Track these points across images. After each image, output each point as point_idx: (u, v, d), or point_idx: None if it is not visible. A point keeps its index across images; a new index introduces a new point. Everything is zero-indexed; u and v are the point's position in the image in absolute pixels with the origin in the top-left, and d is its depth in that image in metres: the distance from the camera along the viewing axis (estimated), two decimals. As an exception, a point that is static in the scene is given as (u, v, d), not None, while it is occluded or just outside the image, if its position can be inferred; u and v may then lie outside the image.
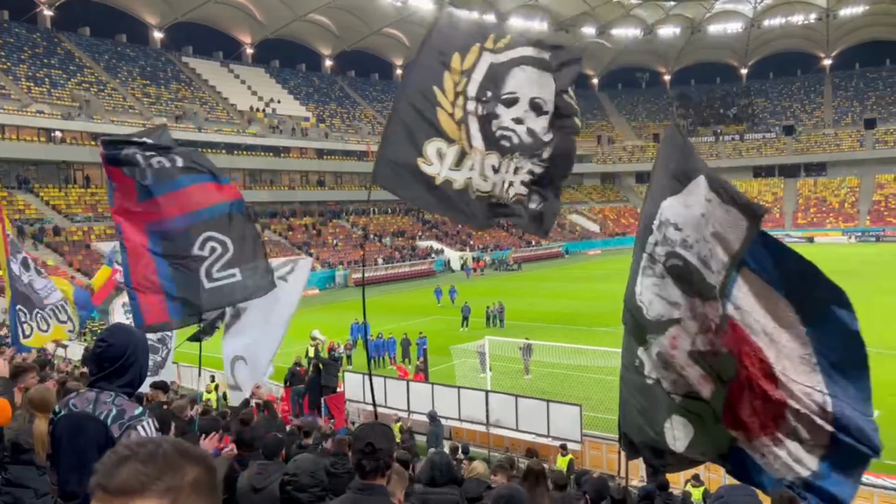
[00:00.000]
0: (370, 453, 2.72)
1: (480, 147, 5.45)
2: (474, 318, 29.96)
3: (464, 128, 5.44)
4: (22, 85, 51.80)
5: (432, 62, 5.50)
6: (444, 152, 5.40)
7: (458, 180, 5.42)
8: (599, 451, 14.62)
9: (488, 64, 5.49)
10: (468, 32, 5.66)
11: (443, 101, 5.43)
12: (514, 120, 5.48)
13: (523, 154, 5.48)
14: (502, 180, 5.49)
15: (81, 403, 2.92)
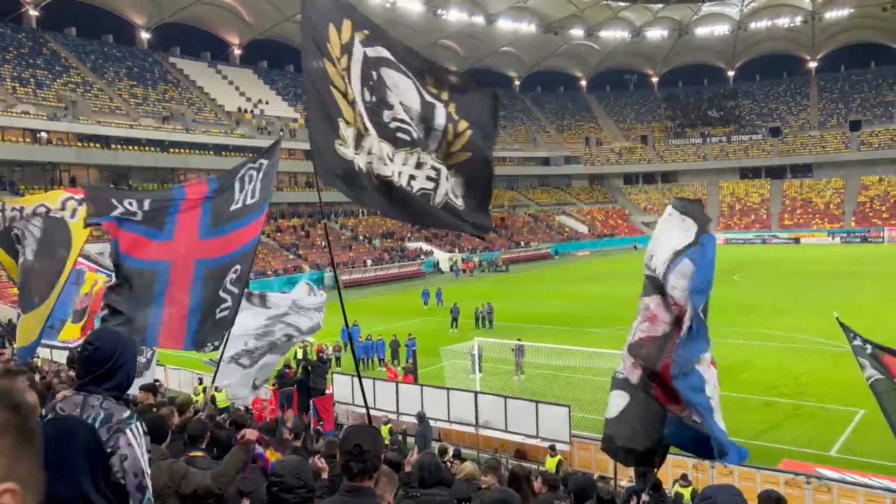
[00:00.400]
0: (357, 455, 2.72)
1: (374, 133, 5.13)
2: (464, 319, 29.99)
3: (357, 110, 5.14)
4: (7, 85, 51.33)
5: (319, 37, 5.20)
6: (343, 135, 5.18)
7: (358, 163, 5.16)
8: (588, 452, 14.67)
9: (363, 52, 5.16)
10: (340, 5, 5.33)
11: (333, 77, 5.17)
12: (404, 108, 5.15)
13: (424, 150, 5.13)
14: (399, 171, 5.13)
15: (69, 407, 2.89)
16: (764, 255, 59.34)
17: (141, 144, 54.12)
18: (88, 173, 52.16)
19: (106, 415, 2.85)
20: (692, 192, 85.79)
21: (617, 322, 29.11)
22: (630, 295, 28.17)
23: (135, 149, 53.39)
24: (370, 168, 5.14)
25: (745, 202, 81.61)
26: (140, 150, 53.69)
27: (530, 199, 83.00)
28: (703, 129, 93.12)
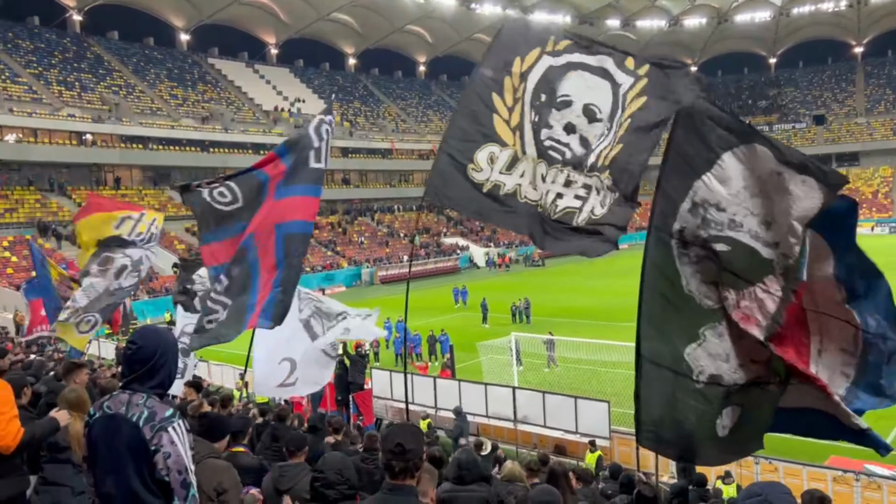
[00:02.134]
0: (399, 454, 2.73)
1: (533, 154, 5.42)
2: (500, 315, 29.92)
3: (518, 134, 5.44)
4: (53, 89, 52.81)
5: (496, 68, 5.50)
6: (496, 157, 5.41)
7: (507, 184, 5.40)
8: (629, 448, 14.49)
9: (546, 67, 5.42)
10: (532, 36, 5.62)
11: (500, 108, 5.45)
12: (565, 128, 5.38)
13: (576, 168, 5.35)
14: (547, 190, 5.39)
15: (115, 405, 2.96)
16: (808, 247, 57.85)
17: (182, 144, 55.21)
18: (132, 173, 53.40)
19: (149, 413, 2.91)
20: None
21: (656, 316, 28.71)
22: (670, 289, 27.15)
23: (176, 149, 54.50)
24: (517, 190, 5.39)
25: (788, 192, 79.56)
26: (181, 150, 54.79)
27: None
28: (743, 118, 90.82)
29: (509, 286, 40.09)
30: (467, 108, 5.56)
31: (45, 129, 47.53)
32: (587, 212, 5.32)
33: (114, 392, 3.12)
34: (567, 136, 5.33)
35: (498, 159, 5.38)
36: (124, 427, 2.90)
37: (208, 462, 3.96)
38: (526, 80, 5.41)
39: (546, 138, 5.37)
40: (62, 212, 45.45)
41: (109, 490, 2.93)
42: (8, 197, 44.33)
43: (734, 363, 4.36)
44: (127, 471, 2.88)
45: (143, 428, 2.87)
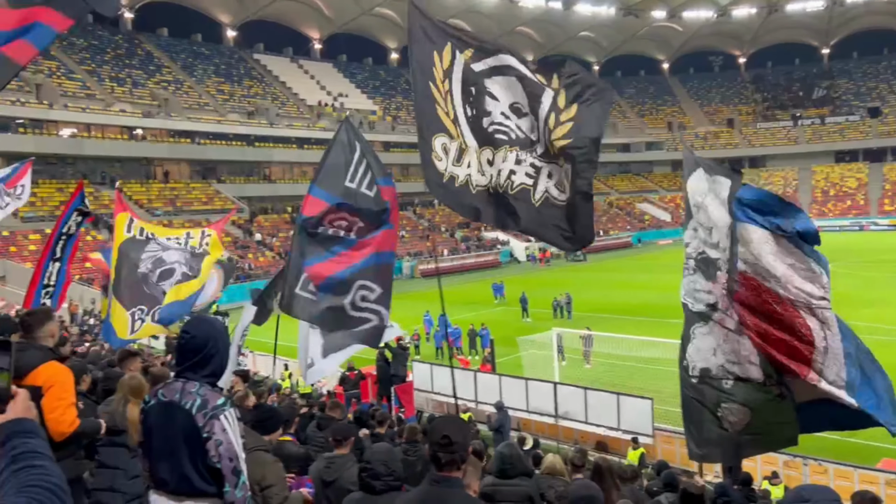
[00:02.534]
0: (446, 446, 2.75)
1: (474, 145, 5.44)
2: (541, 310, 29.77)
3: (458, 126, 5.48)
4: (106, 85, 54.34)
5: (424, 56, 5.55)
6: (448, 147, 5.46)
7: (459, 176, 5.45)
8: (672, 445, 14.32)
9: (463, 67, 5.47)
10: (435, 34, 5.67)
11: (438, 98, 5.50)
12: (503, 115, 5.39)
13: (523, 148, 5.32)
14: (499, 171, 5.34)
15: (169, 393, 3.05)
16: (861, 243, 56.09)
17: (228, 139, 56.26)
18: (180, 168, 54.64)
19: (202, 401, 2.99)
20: (782, 177, 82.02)
21: (701, 313, 28.20)
22: (716, 285, 26.45)
23: (222, 143, 55.58)
24: (468, 180, 5.42)
25: (840, 187, 77.26)
26: (227, 145, 55.84)
27: (610, 186, 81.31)
28: (794, 111, 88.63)
29: (550, 281, 39.85)
30: (420, 91, 5.57)
31: (97, 124, 48.92)
32: (541, 192, 5.24)
33: (167, 380, 3.21)
34: (507, 121, 5.35)
35: (449, 150, 5.45)
36: (178, 414, 2.99)
37: (255, 454, 3.99)
38: (450, 76, 5.46)
39: (489, 125, 5.38)
40: (113, 204, 46.71)
41: (164, 475, 3.03)
42: (63, 190, 45.81)
43: (721, 358, 4.82)
44: (180, 457, 2.97)
45: (195, 415, 2.95)
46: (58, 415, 4.10)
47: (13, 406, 1.57)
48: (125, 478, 4.90)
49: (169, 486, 3.01)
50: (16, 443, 1.49)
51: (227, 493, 2.96)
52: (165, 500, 3.04)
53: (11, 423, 1.53)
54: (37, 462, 1.46)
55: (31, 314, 4.63)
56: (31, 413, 1.58)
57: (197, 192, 52.79)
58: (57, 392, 4.10)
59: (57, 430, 4.09)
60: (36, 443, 1.51)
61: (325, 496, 4.41)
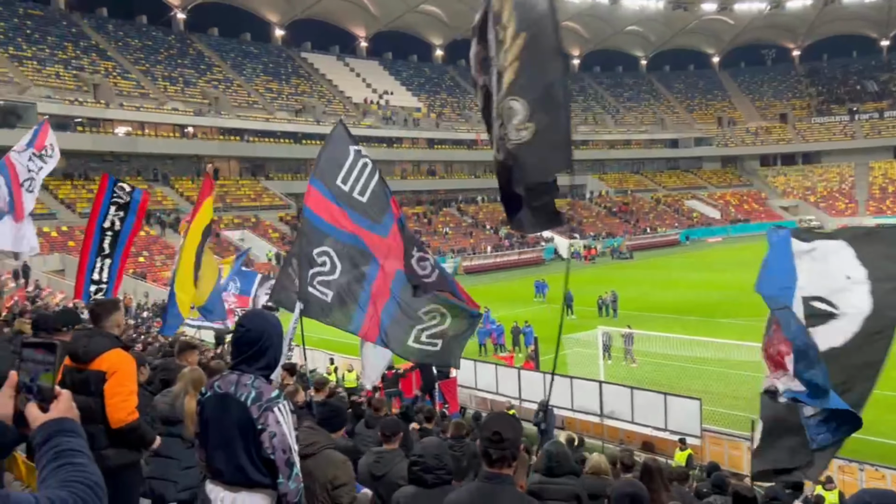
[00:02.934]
0: (497, 442, 2.76)
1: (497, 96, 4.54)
2: (587, 308, 29.49)
3: None
4: (159, 84, 55.80)
5: None
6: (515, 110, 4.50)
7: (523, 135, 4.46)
8: (721, 447, 14.06)
9: None
10: None
11: None
12: None
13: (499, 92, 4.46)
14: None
15: (225, 385, 3.13)
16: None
17: (276, 137, 57.19)
18: (230, 165, 55.78)
19: (257, 393, 3.05)
20: (838, 173, 79.39)
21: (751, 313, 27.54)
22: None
23: (270, 141, 56.53)
24: None
25: (899, 184, 74.50)
26: (275, 142, 56.78)
27: (657, 182, 79.96)
28: (850, 105, 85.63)
29: (595, 279, 39.41)
30: None
31: (151, 122, 50.29)
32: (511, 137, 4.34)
33: (223, 372, 3.30)
34: None
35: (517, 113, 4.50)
36: (233, 406, 3.06)
37: (326, 453, 3.96)
38: None
39: None
40: (166, 201, 47.98)
41: (220, 465, 3.10)
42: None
43: None
44: (236, 448, 3.05)
45: (250, 407, 3.01)
46: (118, 401, 4.25)
47: (56, 405, 1.62)
48: (178, 468, 5.04)
49: (224, 476, 3.09)
50: (58, 441, 1.55)
51: (280, 485, 3.02)
52: (221, 490, 3.11)
53: (54, 421, 1.59)
54: (77, 460, 1.52)
55: (99, 304, 4.86)
56: (73, 413, 1.64)
57: (246, 189, 53.83)
58: (119, 378, 4.26)
59: (116, 417, 4.23)
60: (77, 442, 1.57)
61: (374, 491, 4.46)
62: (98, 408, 4.22)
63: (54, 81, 48.42)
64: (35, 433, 1.58)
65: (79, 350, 4.28)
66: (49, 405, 1.61)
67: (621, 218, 67.10)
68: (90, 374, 4.25)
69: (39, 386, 1.63)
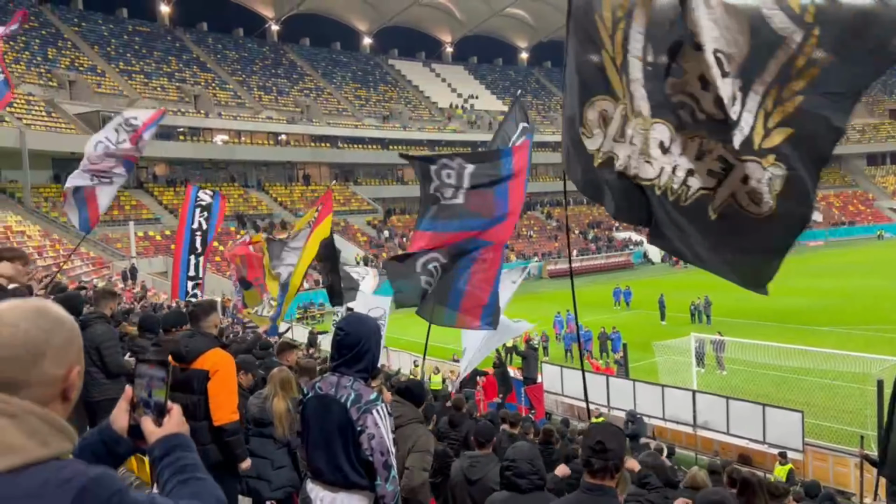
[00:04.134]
0: (600, 452, 2.72)
1: (646, 112, 3.51)
2: (679, 314, 28.59)
3: (625, 79, 3.58)
4: (254, 94, 58.19)
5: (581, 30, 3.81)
6: (609, 115, 3.71)
7: (620, 156, 3.68)
8: (825, 463, 13.30)
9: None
10: None
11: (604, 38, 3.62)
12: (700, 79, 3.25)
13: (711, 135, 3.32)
14: (674, 165, 3.45)
15: (326, 387, 3.22)
16: None
17: (364, 143, 58.49)
18: (320, 171, 57.48)
19: (356, 395, 3.12)
20: (956, 172, 73.76)
21: (856, 321, 25.98)
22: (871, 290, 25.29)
23: (359, 147, 57.86)
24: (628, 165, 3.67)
25: None
26: (364, 149, 58.08)
27: (753, 184, 76.60)
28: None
29: (687, 284, 38.10)
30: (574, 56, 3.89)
31: (246, 130, 52.49)
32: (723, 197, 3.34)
33: (324, 373, 3.40)
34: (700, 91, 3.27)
35: (610, 119, 3.69)
36: (334, 407, 3.15)
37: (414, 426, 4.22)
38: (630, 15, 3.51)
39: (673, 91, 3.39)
40: (261, 205, 49.93)
41: (320, 465, 3.20)
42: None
43: None
44: (335, 448, 3.12)
45: (350, 409, 3.08)
46: (222, 399, 4.44)
47: (169, 420, 1.65)
48: (271, 468, 5.23)
49: (324, 476, 3.18)
50: (178, 455, 1.58)
51: (378, 487, 3.07)
52: (321, 490, 3.20)
53: (171, 436, 1.62)
54: (200, 475, 1.56)
55: (197, 306, 5.12)
56: (185, 427, 1.67)
57: (335, 194, 55.29)
58: (222, 377, 4.46)
59: (219, 415, 4.43)
60: (193, 457, 1.60)
61: (469, 495, 4.48)
62: (201, 405, 4.43)
63: (160, 93, 51.34)
64: (153, 447, 1.61)
65: (181, 350, 4.50)
66: (163, 420, 1.64)
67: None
68: (192, 373, 4.45)
69: (155, 401, 1.67)
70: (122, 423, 1.68)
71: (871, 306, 29.07)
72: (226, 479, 4.55)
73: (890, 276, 37.72)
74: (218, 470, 4.46)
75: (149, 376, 1.70)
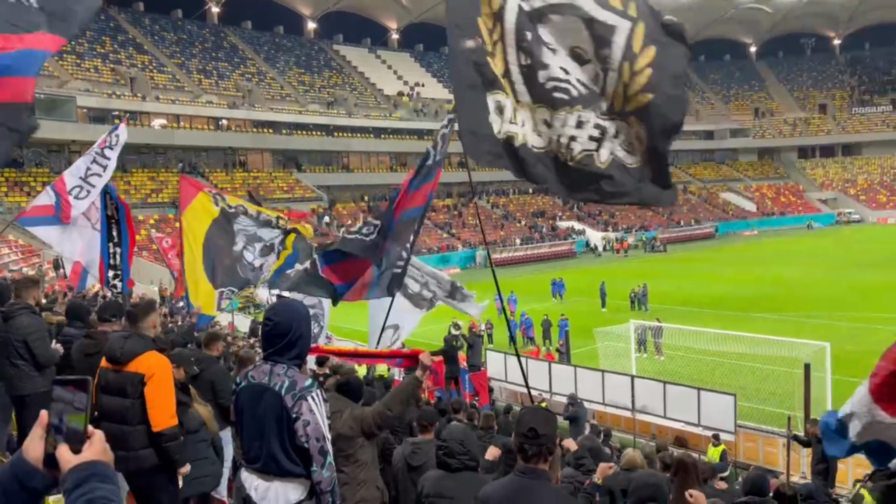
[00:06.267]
0: (533, 437, 2.73)
1: (528, 101, 4.58)
2: (619, 301, 29.23)
3: (507, 80, 4.61)
4: (194, 78, 56.56)
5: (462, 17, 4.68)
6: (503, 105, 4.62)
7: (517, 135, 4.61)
8: (755, 444, 13.85)
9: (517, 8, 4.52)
10: None
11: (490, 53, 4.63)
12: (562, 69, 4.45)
13: (585, 107, 4.42)
14: (558, 136, 4.51)
15: (259, 375, 3.16)
16: (968, 237, 52.37)
17: (308, 129, 57.59)
18: (262, 157, 56.37)
19: (290, 382, 3.07)
20: (879, 165, 77.42)
21: (787, 308, 27.08)
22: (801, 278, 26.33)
23: (303, 133, 56.95)
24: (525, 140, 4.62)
25: (944, 176, 72.36)
26: (308, 135, 57.18)
27: (691, 175, 78.75)
28: (893, 95, 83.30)
29: (629, 272, 39.04)
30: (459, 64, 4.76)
31: (186, 115, 50.99)
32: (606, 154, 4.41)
33: (257, 363, 3.32)
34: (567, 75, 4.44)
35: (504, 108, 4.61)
36: (267, 396, 3.09)
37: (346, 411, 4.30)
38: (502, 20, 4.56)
39: (546, 80, 4.49)
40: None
41: (254, 454, 3.14)
42: (154, 178, 48.07)
43: None
44: (269, 437, 3.07)
45: (284, 397, 3.04)
46: (159, 404, 4.29)
47: (89, 447, 1.48)
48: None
49: (259, 465, 3.13)
50: (93, 486, 1.42)
51: (314, 473, 3.04)
52: (255, 479, 3.15)
53: (87, 464, 1.45)
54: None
55: (135, 306, 4.94)
56: (107, 456, 1.50)
57: (278, 181, 54.38)
58: (158, 381, 4.30)
59: (158, 420, 4.27)
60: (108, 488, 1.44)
61: (410, 480, 4.47)
62: (135, 410, 4.27)
63: (93, 75, 49.39)
64: (65, 477, 1.44)
65: (116, 352, 4.32)
66: (81, 447, 1.48)
67: (654, 211, 66.24)
68: (127, 376, 4.29)
69: (69, 427, 1.48)
70: (37, 453, 1.47)
71: (801, 294, 30.34)
72: (164, 483, 4.43)
73: (819, 264, 39.43)
74: (155, 474, 4.36)
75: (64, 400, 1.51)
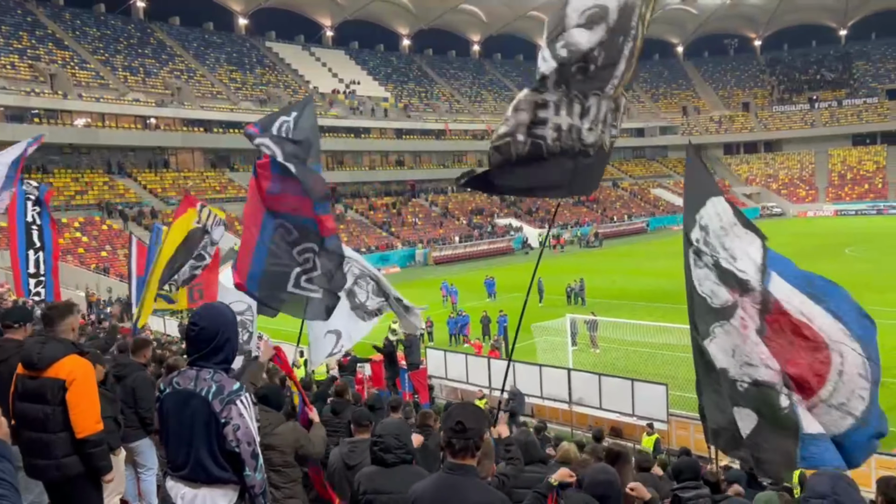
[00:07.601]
0: (460, 432, 2.74)
1: None
2: (555, 296, 29.72)
3: None
4: (119, 75, 54.50)
5: None
6: None
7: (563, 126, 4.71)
8: (687, 431, 14.30)
9: None
10: None
11: None
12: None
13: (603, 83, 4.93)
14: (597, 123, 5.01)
15: (184, 381, 3.06)
16: (880, 227, 55.42)
17: (241, 127, 56.17)
18: (193, 156, 54.83)
19: (218, 387, 3.00)
20: (798, 160, 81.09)
21: (716, 298, 28.02)
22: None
23: (235, 132, 55.62)
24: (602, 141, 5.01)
25: (857, 170, 76.31)
26: (240, 133, 55.77)
27: (623, 171, 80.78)
28: (810, 93, 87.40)
29: (564, 267, 39.70)
30: None
31: (111, 113, 49.09)
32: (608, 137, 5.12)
33: (182, 369, 3.22)
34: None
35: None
36: (193, 401, 3.00)
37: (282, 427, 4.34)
38: None
39: None
40: (128, 193, 47.04)
41: (181, 461, 3.05)
42: (78, 179, 46.16)
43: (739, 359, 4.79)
44: (197, 443, 2.99)
45: (212, 402, 2.96)
46: (82, 409, 4.09)
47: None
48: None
49: (185, 472, 3.04)
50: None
51: (247, 477, 2.99)
52: (182, 487, 3.06)
53: None
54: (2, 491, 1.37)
55: (52, 308, 4.65)
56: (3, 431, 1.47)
57: (210, 181, 53.01)
58: (80, 386, 4.10)
59: (82, 426, 4.08)
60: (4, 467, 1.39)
61: (346, 480, 4.43)
62: (56, 417, 4.07)
63: (9, 72, 46.99)
64: None
65: (33, 357, 4.09)
66: None
67: (588, 207, 67.61)
68: (46, 382, 4.07)
69: None
70: None
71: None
72: (89, 492, 4.25)
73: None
74: (79, 483, 4.17)
75: None
